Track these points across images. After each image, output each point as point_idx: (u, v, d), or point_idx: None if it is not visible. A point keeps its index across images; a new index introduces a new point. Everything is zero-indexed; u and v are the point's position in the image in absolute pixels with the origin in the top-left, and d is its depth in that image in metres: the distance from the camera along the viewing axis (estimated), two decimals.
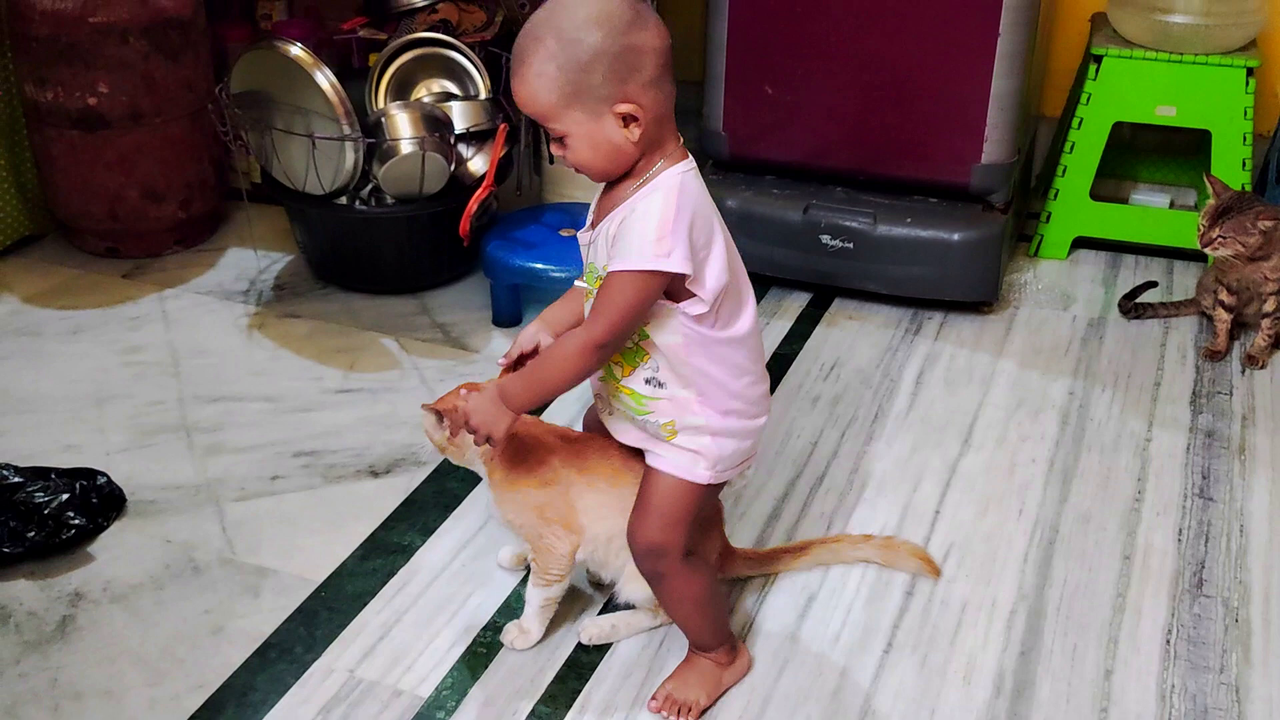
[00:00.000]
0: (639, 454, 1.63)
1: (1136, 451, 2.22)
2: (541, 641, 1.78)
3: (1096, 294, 2.75)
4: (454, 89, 2.74)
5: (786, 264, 2.68)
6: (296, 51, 2.47)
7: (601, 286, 1.47)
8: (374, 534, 2.00)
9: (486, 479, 1.72)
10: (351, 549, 1.96)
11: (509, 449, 1.68)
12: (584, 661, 1.76)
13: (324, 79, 2.46)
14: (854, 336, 2.58)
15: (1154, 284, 2.71)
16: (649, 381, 1.54)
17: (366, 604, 1.85)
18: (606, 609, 1.84)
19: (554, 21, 1.40)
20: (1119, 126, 2.83)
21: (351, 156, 2.49)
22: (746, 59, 2.61)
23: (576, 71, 1.39)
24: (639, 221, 1.44)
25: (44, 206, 2.89)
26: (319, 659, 1.75)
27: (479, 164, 2.65)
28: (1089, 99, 2.77)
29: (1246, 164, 2.71)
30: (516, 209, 2.75)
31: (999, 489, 2.12)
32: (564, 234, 2.59)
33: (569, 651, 1.77)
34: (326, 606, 1.85)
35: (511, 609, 1.83)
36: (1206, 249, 2.43)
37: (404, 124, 2.56)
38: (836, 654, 1.78)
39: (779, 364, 2.48)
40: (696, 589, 1.65)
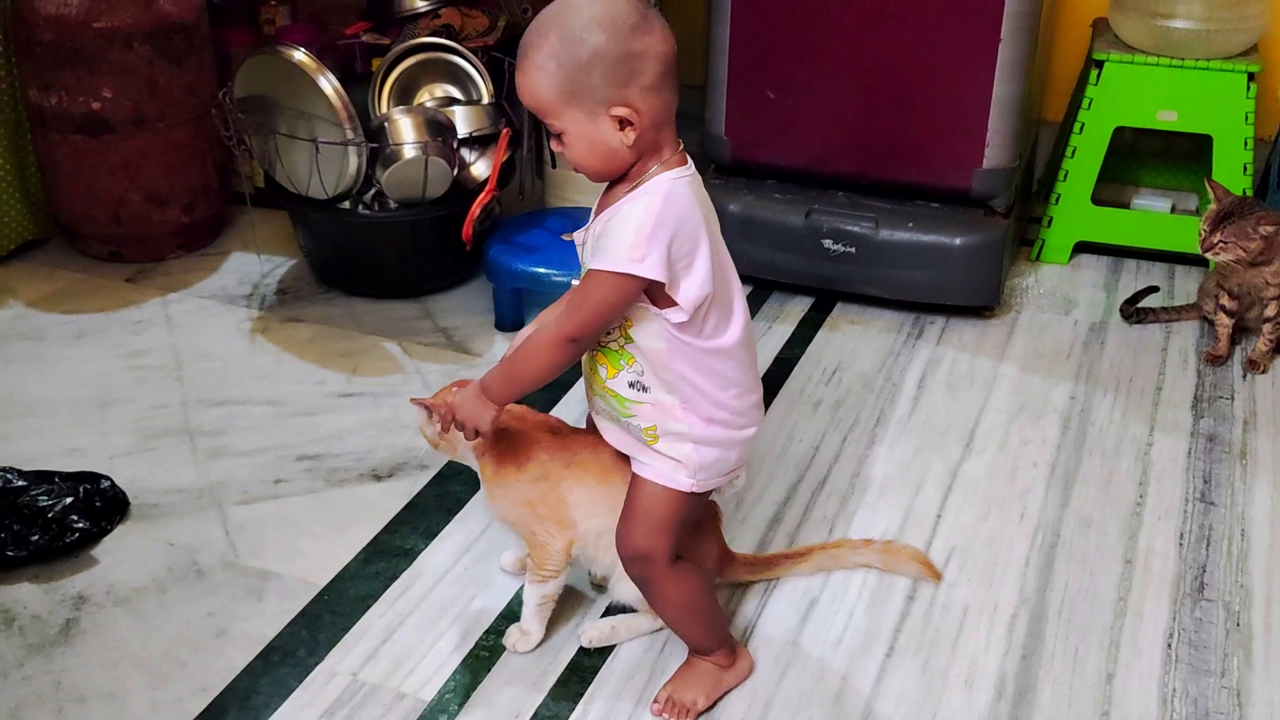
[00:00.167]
0: None
1: (1138, 456, 2.22)
2: (543, 644, 1.78)
3: (1098, 299, 2.76)
4: (457, 94, 2.75)
5: (788, 268, 2.68)
6: (300, 56, 2.48)
7: (580, 282, 1.49)
8: (377, 537, 2.00)
9: (480, 474, 1.73)
10: (354, 552, 1.97)
11: (499, 445, 1.68)
12: (586, 665, 1.76)
13: (327, 84, 2.46)
14: (856, 341, 2.59)
15: (1155, 289, 2.72)
16: (633, 385, 1.55)
17: (369, 607, 1.86)
18: (607, 612, 1.84)
19: (560, 19, 1.41)
20: (1120, 131, 2.83)
21: (355, 161, 2.49)
22: (749, 63, 2.62)
23: (576, 71, 1.40)
24: (620, 224, 1.44)
25: (47, 211, 2.90)
26: (322, 662, 1.75)
27: (482, 168, 2.66)
28: (1090, 104, 2.77)
29: (1248, 169, 2.71)
30: (519, 213, 2.76)
31: (1000, 493, 2.13)
32: (566, 238, 2.59)
33: (571, 654, 1.77)
34: (329, 610, 1.85)
35: (514, 612, 1.83)
36: (1208, 254, 2.43)
37: (407, 129, 2.57)
38: (838, 658, 1.78)
39: (781, 368, 2.48)
40: (685, 593, 1.65)
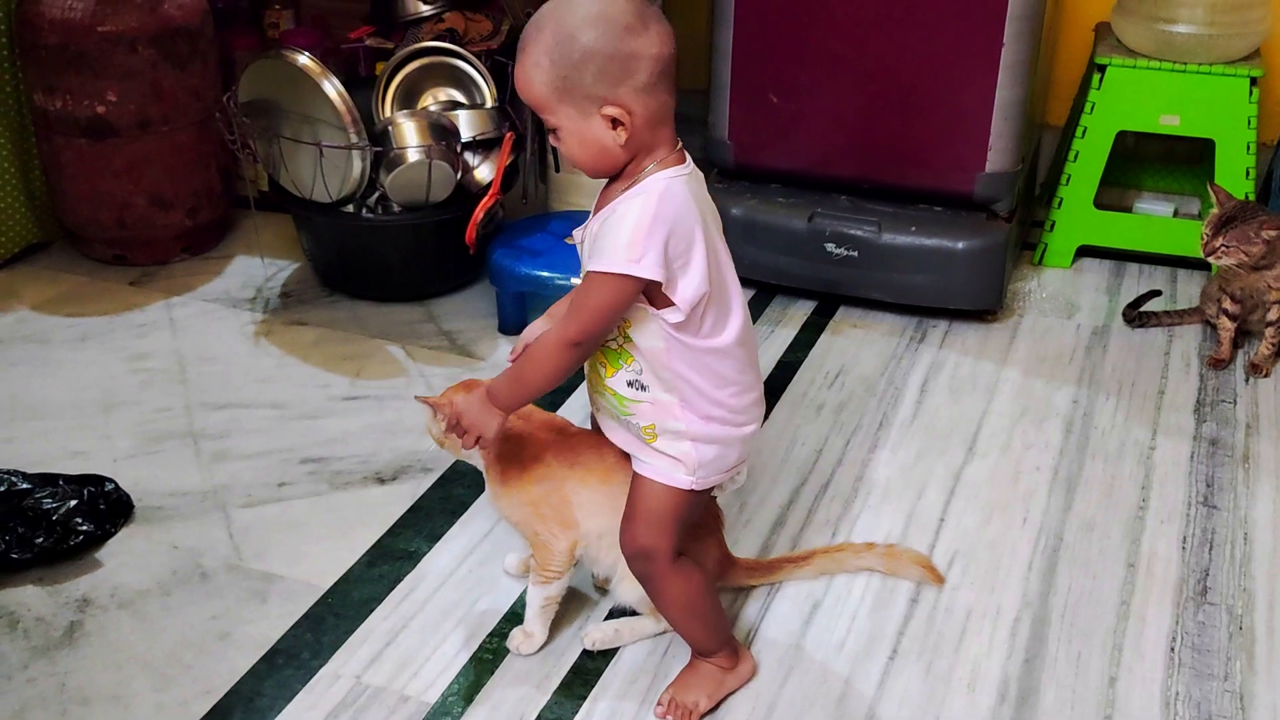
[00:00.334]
0: None
1: (1140, 459, 2.22)
2: (546, 647, 1.78)
3: (1100, 302, 2.76)
4: (460, 97, 2.75)
5: (791, 272, 2.69)
6: (304, 60, 2.48)
7: (579, 285, 1.49)
8: (381, 540, 2.01)
9: (485, 474, 1.73)
10: (358, 555, 1.97)
11: (504, 445, 1.69)
12: (589, 667, 1.76)
13: (331, 88, 2.47)
14: (859, 344, 2.59)
15: (1158, 293, 2.72)
16: (631, 384, 1.55)
17: (373, 610, 1.86)
18: (610, 615, 1.85)
19: (557, 14, 1.41)
20: (1123, 135, 2.84)
21: (358, 165, 2.50)
22: (752, 67, 2.62)
23: (568, 68, 1.40)
24: (616, 224, 1.45)
25: (52, 214, 2.90)
26: (326, 665, 1.76)
27: (485, 172, 2.67)
28: (1093, 108, 2.77)
29: (1250, 173, 2.71)
30: (522, 217, 2.76)
31: (1003, 497, 2.13)
32: (569, 242, 2.60)
33: (575, 657, 1.78)
34: (333, 612, 1.85)
35: (517, 615, 1.83)
36: (1210, 258, 2.43)
37: (410, 132, 2.57)
38: (841, 661, 1.78)
39: (784, 372, 2.48)
40: (688, 592, 1.65)
